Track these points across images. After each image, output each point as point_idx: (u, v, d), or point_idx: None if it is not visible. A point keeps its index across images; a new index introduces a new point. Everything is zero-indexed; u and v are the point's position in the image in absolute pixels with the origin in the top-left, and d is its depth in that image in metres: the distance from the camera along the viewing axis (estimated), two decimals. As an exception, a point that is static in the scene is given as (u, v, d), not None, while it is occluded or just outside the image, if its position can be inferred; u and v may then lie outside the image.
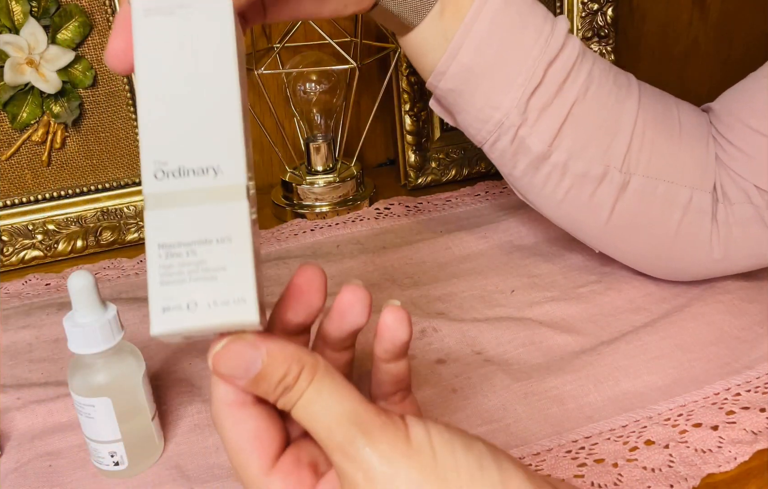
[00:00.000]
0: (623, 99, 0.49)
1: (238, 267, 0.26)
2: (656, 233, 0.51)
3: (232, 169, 0.26)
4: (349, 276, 0.61)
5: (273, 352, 0.27)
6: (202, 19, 0.27)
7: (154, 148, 0.27)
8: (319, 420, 0.27)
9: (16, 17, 0.62)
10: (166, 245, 0.26)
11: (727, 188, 0.50)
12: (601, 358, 0.48)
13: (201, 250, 0.26)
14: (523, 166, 0.50)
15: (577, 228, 0.53)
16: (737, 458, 0.40)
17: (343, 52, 0.69)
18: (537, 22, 0.46)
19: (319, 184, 0.73)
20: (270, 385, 0.27)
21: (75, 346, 0.39)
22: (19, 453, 0.44)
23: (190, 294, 0.26)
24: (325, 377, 0.28)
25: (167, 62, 0.27)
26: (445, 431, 0.28)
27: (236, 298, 0.26)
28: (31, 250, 0.67)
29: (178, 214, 0.26)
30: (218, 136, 0.27)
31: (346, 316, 0.31)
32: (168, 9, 0.27)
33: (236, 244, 0.26)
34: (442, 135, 0.78)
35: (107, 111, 0.68)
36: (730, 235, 0.51)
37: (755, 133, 0.48)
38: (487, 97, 0.47)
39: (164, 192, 0.26)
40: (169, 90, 0.27)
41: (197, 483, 0.41)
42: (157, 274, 0.26)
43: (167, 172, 0.26)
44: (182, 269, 0.26)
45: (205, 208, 0.26)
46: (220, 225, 0.26)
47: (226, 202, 0.26)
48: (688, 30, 0.92)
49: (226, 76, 0.27)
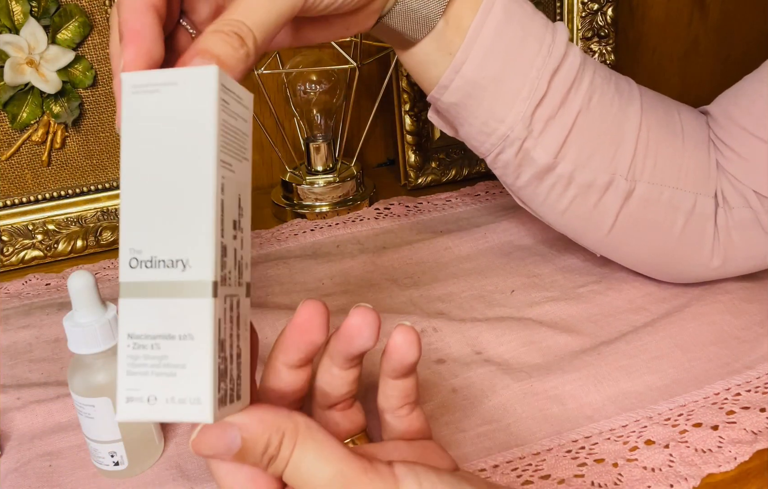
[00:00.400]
0: (626, 105, 0.48)
1: (197, 366, 0.25)
2: (659, 238, 0.51)
3: (200, 264, 0.25)
4: (349, 276, 0.61)
5: (249, 427, 0.27)
6: (186, 97, 0.26)
7: (131, 236, 0.26)
8: (307, 483, 0.27)
9: (16, 17, 0.62)
10: (134, 336, 0.26)
11: (727, 192, 0.50)
12: (601, 358, 0.48)
13: (164, 345, 0.26)
14: (527, 177, 0.49)
15: (580, 235, 0.53)
16: (737, 458, 0.40)
17: (343, 52, 0.69)
18: (538, 32, 0.46)
19: (319, 184, 0.73)
20: (256, 456, 0.27)
21: (75, 346, 0.39)
22: (19, 453, 0.44)
23: (150, 388, 0.26)
24: (307, 441, 0.28)
25: (149, 144, 0.26)
26: (436, 479, 0.28)
27: (192, 397, 0.25)
28: (31, 250, 0.67)
29: (148, 306, 0.26)
30: (190, 227, 0.26)
31: (355, 340, 0.32)
32: (155, 86, 0.26)
33: (197, 342, 0.25)
34: (442, 135, 0.78)
35: (107, 111, 0.68)
36: (729, 239, 0.51)
37: (753, 138, 0.48)
38: (492, 110, 0.46)
39: (137, 281, 0.26)
40: (150, 173, 0.26)
41: (197, 483, 0.41)
42: (124, 362, 0.26)
43: (140, 262, 0.26)
44: (146, 362, 0.26)
45: (172, 302, 0.26)
46: (184, 321, 0.26)
47: (191, 298, 0.25)
48: (688, 30, 0.92)
49: (204, 161, 0.26)
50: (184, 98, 0.26)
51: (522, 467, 0.40)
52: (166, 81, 0.26)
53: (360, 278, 0.61)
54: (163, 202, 0.26)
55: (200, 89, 0.26)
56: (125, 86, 0.26)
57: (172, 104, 0.26)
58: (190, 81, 0.26)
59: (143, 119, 0.26)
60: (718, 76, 0.95)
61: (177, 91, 0.26)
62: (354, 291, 0.59)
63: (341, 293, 0.59)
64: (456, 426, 0.44)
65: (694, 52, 0.93)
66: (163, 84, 0.26)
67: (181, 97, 0.26)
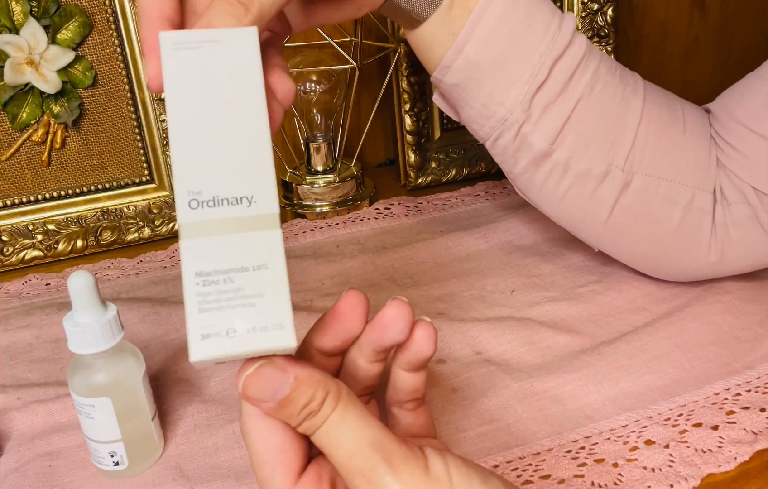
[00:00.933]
0: (629, 97, 0.49)
1: (275, 293, 0.27)
2: (656, 232, 0.51)
3: (266, 199, 0.27)
4: (349, 276, 0.61)
5: (301, 377, 0.28)
6: (229, 51, 0.28)
7: (188, 179, 0.27)
8: (342, 445, 0.28)
9: (16, 17, 0.62)
10: (203, 273, 0.27)
11: (725, 188, 0.50)
12: (601, 358, 0.48)
13: (238, 278, 0.27)
14: (525, 163, 0.50)
15: (577, 226, 0.53)
16: (737, 458, 0.40)
17: (343, 52, 0.69)
18: (545, 18, 0.46)
19: (319, 184, 0.73)
20: (295, 409, 0.28)
21: (75, 346, 0.39)
22: (19, 453, 0.44)
23: (228, 321, 0.26)
24: (349, 404, 0.28)
25: (196, 94, 0.28)
26: (462, 465, 0.29)
27: (274, 323, 0.27)
28: (31, 250, 0.67)
29: (214, 243, 0.27)
30: (250, 166, 0.28)
31: (389, 330, 0.32)
32: (196, 43, 0.28)
33: (272, 272, 0.27)
34: (442, 135, 0.78)
35: (107, 111, 0.68)
36: (726, 235, 0.51)
37: (752, 134, 0.48)
38: (492, 92, 0.47)
39: (199, 221, 0.27)
40: (200, 122, 0.28)
41: (197, 483, 0.41)
42: (195, 301, 0.26)
43: (201, 202, 0.27)
44: (220, 297, 0.26)
45: (241, 237, 0.27)
46: (256, 253, 0.27)
47: (261, 230, 0.27)
48: (688, 30, 0.92)
49: (256, 108, 0.28)
50: (228, 53, 0.28)
51: (522, 467, 0.40)
52: (208, 39, 0.28)
53: (360, 278, 0.61)
54: (218, 146, 0.28)
55: (244, 45, 0.29)
56: (165, 44, 0.28)
57: (215, 59, 0.28)
58: (233, 39, 0.29)
59: (186, 72, 0.28)
60: (718, 76, 0.95)
61: (220, 47, 0.28)
62: (354, 291, 0.59)
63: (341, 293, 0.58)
64: (456, 426, 0.44)
65: (694, 52, 0.93)
66: (204, 41, 0.28)
67: (225, 53, 0.28)
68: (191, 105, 0.28)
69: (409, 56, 0.73)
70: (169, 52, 0.28)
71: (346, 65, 0.70)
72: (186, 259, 0.27)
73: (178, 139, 0.27)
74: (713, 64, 0.94)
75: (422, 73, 0.75)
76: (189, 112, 0.28)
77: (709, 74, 0.94)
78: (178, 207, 0.27)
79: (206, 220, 0.27)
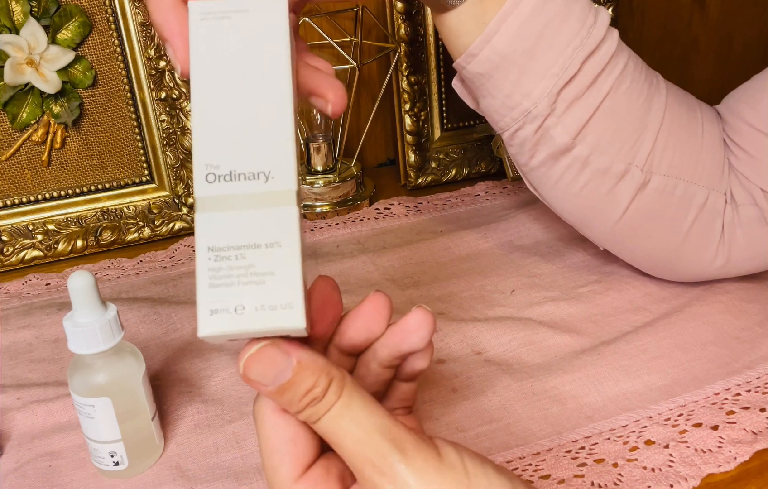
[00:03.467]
0: (652, 96, 0.48)
1: (287, 272, 0.26)
2: (667, 232, 0.51)
3: (283, 175, 0.27)
4: (349, 276, 0.61)
5: (304, 361, 0.27)
6: (258, 23, 0.27)
7: (207, 152, 0.27)
8: (348, 433, 0.27)
9: (16, 17, 0.62)
10: (216, 248, 0.26)
11: (735, 190, 0.50)
12: (601, 358, 0.48)
13: (250, 254, 0.26)
14: (543, 156, 0.49)
15: (587, 223, 0.53)
16: (737, 458, 0.40)
17: (343, 52, 0.69)
18: (582, 12, 0.45)
19: (319, 184, 0.73)
20: (296, 395, 0.27)
21: (75, 346, 0.39)
22: (19, 453, 0.44)
23: (238, 297, 0.26)
24: (354, 392, 0.28)
25: (222, 66, 0.27)
26: (475, 455, 0.28)
27: (284, 303, 0.26)
28: (31, 250, 0.67)
29: (229, 218, 0.26)
30: (270, 141, 0.27)
31: (410, 336, 0.32)
32: (224, 13, 0.27)
33: (285, 250, 0.26)
34: (442, 135, 0.78)
35: (107, 111, 0.68)
36: (734, 237, 0.51)
37: (761, 135, 0.48)
38: (518, 84, 0.46)
39: (215, 195, 0.26)
40: (223, 94, 0.27)
41: (197, 483, 0.41)
42: (206, 276, 0.26)
43: (219, 176, 0.27)
44: (231, 272, 0.26)
45: (256, 213, 0.26)
46: (270, 230, 0.26)
47: (277, 207, 0.26)
48: (688, 30, 0.92)
49: (280, 81, 0.27)
50: (256, 23, 0.27)
51: (522, 467, 0.40)
52: (236, 8, 0.27)
53: (360, 278, 0.61)
54: (239, 120, 0.27)
55: (272, 15, 0.27)
56: (193, 14, 0.27)
57: (243, 29, 0.27)
58: (262, 7, 0.27)
59: (213, 43, 0.27)
60: (718, 76, 0.95)
61: (248, 17, 0.27)
62: (354, 291, 0.59)
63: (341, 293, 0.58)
64: (456, 426, 0.44)
65: (694, 52, 0.93)
66: (233, 11, 0.27)
67: (253, 23, 0.27)
68: (215, 77, 0.27)
69: (409, 56, 0.73)
70: (196, 22, 0.27)
71: (346, 65, 0.70)
72: (199, 233, 0.26)
73: (199, 112, 0.27)
74: (713, 64, 0.94)
75: (422, 73, 0.75)
76: (213, 85, 0.27)
77: (709, 74, 0.94)
78: (195, 180, 0.27)
79: (222, 194, 0.26)
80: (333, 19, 0.76)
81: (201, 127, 0.27)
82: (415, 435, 0.27)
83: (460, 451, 0.28)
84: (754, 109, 0.49)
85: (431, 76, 0.75)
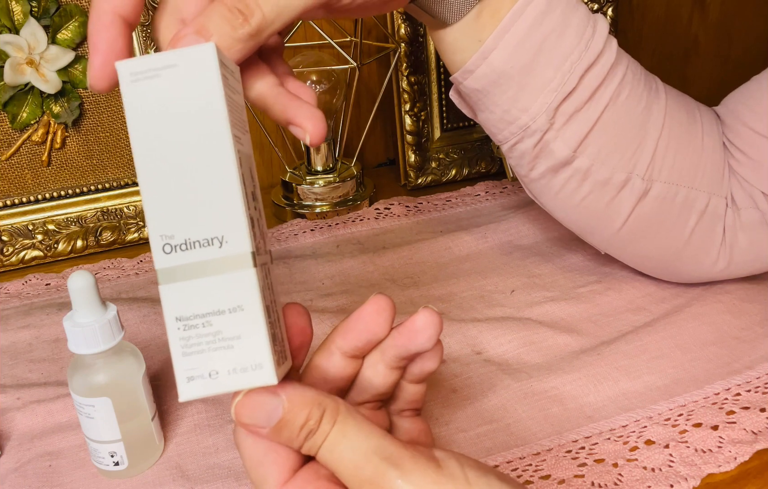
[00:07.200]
0: (651, 103, 0.48)
1: (253, 335, 0.26)
2: (669, 237, 0.51)
3: (236, 238, 0.26)
4: (349, 276, 0.61)
5: (293, 397, 0.27)
6: (189, 78, 0.26)
7: (159, 223, 0.26)
8: (346, 459, 0.27)
9: (16, 17, 0.62)
10: (183, 318, 0.26)
11: (735, 193, 0.50)
12: (601, 358, 0.48)
13: (216, 321, 0.26)
14: (543, 169, 0.48)
15: (589, 232, 0.53)
16: (737, 458, 0.40)
17: (343, 52, 0.69)
18: (579, 24, 0.44)
19: (319, 184, 0.73)
20: (293, 431, 0.27)
21: (75, 346, 0.39)
22: (19, 453, 0.44)
23: (210, 363, 0.26)
24: (348, 418, 0.28)
25: (160, 130, 0.26)
26: (477, 465, 0.28)
27: (254, 364, 0.26)
28: (31, 250, 0.67)
29: (190, 287, 0.26)
30: (219, 204, 0.26)
31: (417, 337, 0.32)
32: (154, 70, 0.26)
33: (248, 313, 0.26)
34: (442, 135, 0.78)
35: (107, 111, 0.68)
36: (735, 240, 0.50)
37: (761, 138, 0.48)
38: (516, 99, 0.45)
39: (174, 266, 0.26)
40: (167, 159, 0.26)
41: (197, 483, 0.41)
42: (178, 346, 0.26)
43: (174, 246, 0.26)
44: (200, 340, 0.26)
45: (215, 279, 0.26)
46: (231, 295, 0.26)
47: (234, 271, 0.26)
48: (688, 29, 0.92)
49: (220, 139, 0.26)
50: (187, 80, 0.26)
51: (522, 467, 0.40)
52: (165, 64, 0.26)
53: (360, 278, 0.61)
54: (186, 185, 0.26)
55: (202, 69, 0.26)
56: (122, 75, 0.26)
57: (175, 87, 0.26)
58: (190, 62, 0.26)
59: (148, 106, 0.26)
60: (718, 75, 0.95)
61: (178, 73, 0.26)
62: (354, 291, 0.59)
63: (341, 293, 0.58)
64: (456, 426, 0.44)
65: (694, 52, 0.93)
66: (162, 67, 0.26)
67: (184, 79, 0.26)
68: (156, 143, 0.26)
69: (409, 56, 0.73)
70: (128, 84, 0.26)
71: (346, 65, 0.70)
72: (166, 305, 0.26)
73: (146, 181, 0.26)
74: (713, 64, 0.94)
75: (422, 73, 0.75)
76: (155, 152, 0.26)
77: (709, 74, 0.94)
78: (153, 252, 0.26)
79: (180, 264, 0.26)
80: (333, 19, 0.76)
81: (150, 198, 0.26)
82: (412, 449, 0.28)
83: (462, 462, 0.28)
84: (753, 112, 0.48)
85: (431, 76, 0.75)
